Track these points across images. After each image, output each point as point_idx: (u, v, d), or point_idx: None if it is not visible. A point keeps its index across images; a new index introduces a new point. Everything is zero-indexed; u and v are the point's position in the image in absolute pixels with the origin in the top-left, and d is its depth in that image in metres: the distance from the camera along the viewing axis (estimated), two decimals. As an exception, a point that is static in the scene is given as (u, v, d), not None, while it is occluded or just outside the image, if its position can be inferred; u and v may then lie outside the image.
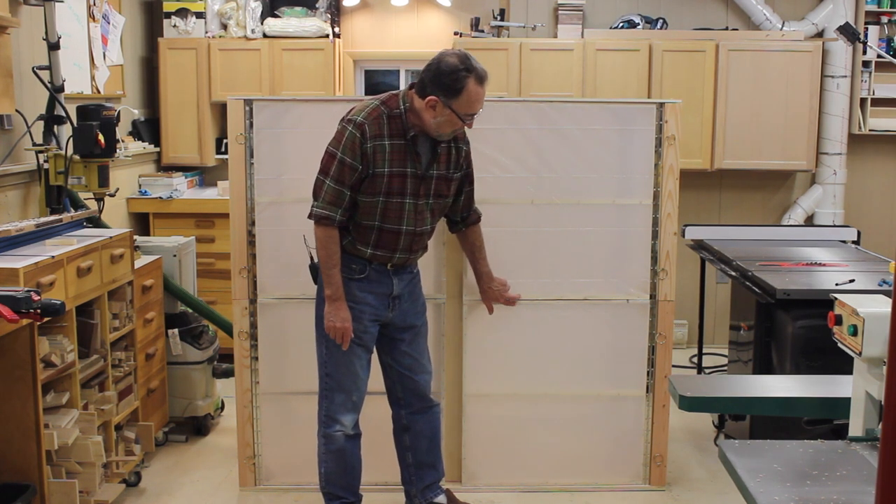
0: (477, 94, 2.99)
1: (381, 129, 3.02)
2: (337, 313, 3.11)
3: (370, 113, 3.03)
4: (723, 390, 2.89)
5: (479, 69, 3.00)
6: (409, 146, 3.06)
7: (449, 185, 3.21)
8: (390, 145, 3.03)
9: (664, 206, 3.70)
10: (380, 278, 3.18)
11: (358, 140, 3.00)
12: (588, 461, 3.83)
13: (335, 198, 3.03)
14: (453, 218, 3.40)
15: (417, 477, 3.45)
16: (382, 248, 3.13)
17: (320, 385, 3.26)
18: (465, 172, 3.30)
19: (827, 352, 2.94)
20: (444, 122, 3.02)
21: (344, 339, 3.13)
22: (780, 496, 2.00)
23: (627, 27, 5.78)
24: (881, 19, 5.79)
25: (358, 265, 3.15)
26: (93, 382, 3.55)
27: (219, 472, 3.99)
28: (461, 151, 3.23)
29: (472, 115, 3.05)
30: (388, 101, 3.08)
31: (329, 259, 3.07)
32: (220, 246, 5.30)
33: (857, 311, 2.30)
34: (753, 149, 5.65)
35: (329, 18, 5.72)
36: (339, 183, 3.02)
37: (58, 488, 3.20)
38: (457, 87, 2.96)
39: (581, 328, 3.75)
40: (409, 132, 3.04)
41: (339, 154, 3.01)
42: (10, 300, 2.63)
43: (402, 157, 3.05)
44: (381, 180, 3.04)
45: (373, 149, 3.00)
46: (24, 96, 4.11)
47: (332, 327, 3.11)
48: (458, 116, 3.01)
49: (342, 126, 3.05)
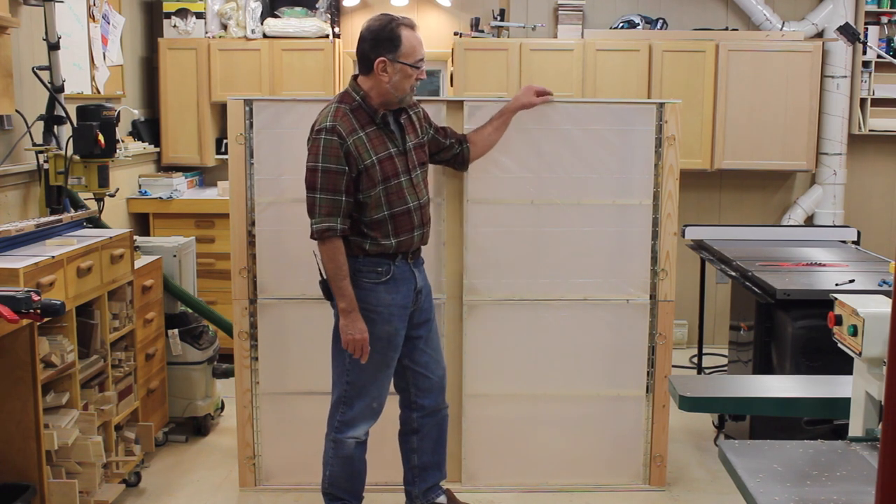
0: (415, 38, 3.08)
1: (351, 124, 3.05)
2: (354, 325, 3.07)
3: (335, 114, 3.05)
4: (723, 390, 2.89)
5: (404, 18, 3.11)
6: (383, 128, 3.10)
7: (424, 151, 3.27)
8: (366, 135, 3.06)
9: (664, 206, 3.70)
10: (403, 275, 3.19)
11: (336, 143, 3.00)
12: (588, 461, 3.83)
13: (331, 208, 3.02)
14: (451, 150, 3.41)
15: (421, 478, 3.45)
16: (402, 232, 3.13)
17: (337, 391, 3.23)
18: (432, 130, 3.35)
19: (827, 352, 2.95)
20: (399, 79, 3.06)
21: (363, 352, 3.10)
22: (780, 496, 2.00)
23: (627, 27, 5.78)
24: (881, 19, 5.79)
25: (383, 266, 3.14)
26: (93, 382, 3.55)
27: (219, 472, 3.99)
28: (419, 115, 3.29)
29: (420, 61, 3.08)
30: (344, 98, 3.12)
31: (338, 271, 3.05)
32: (220, 246, 5.30)
33: (857, 312, 2.30)
34: (753, 149, 5.65)
35: (329, 18, 5.72)
36: (331, 192, 3.01)
37: (58, 488, 3.20)
38: (394, 39, 3.04)
39: (581, 328, 3.75)
40: (376, 116, 3.08)
41: (322, 164, 3.00)
42: (10, 300, 2.63)
43: (381, 141, 3.09)
44: (374, 170, 3.05)
45: (354, 145, 3.02)
46: (24, 96, 4.11)
47: (352, 340, 3.07)
48: (409, 66, 3.05)
49: (314, 138, 3.04)
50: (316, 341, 3.59)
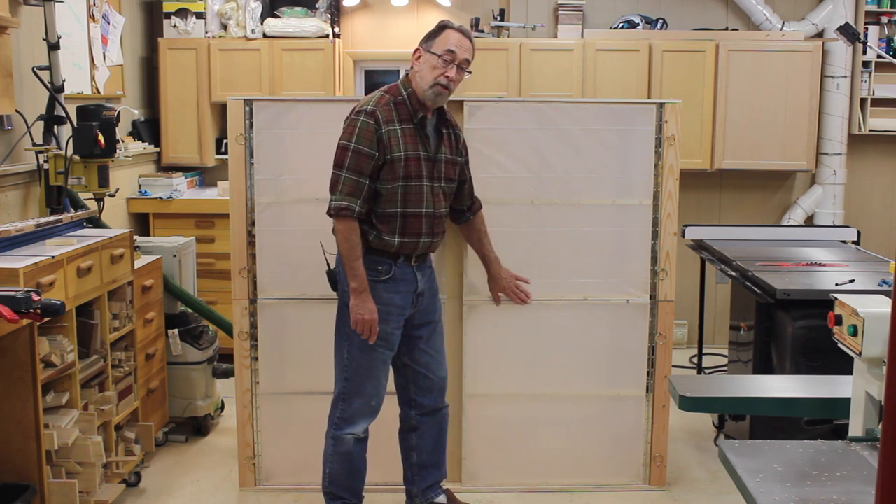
0: (454, 36, 3.11)
1: (391, 114, 3.08)
2: (364, 305, 3.08)
3: (378, 101, 3.11)
4: (723, 390, 2.88)
5: (460, 25, 3.17)
6: (418, 129, 3.12)
7: (455, 170, 3.27)
8: (401, 129, 3.08)
9: (664, 206, 3.70)
10: (404, 276, 3.19)
11: (372, 127, 3.04)
12: (588, 461, 3.83)
13: (354, 188, 3.04)
14: (459, 208, 3.42)
15: (420, 477, 3.45)
16: (409, 234, 3.13)
17: (337, 388, 3.25)
18: (466, 159, 3.37)
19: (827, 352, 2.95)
20: (425, 69, 3.09)
21: (371, 332, 3.11)
22: (780, 496, 2.00)
23: (627, 27, 5.78)
24: (881, 19, 5.79)
25: (384, 266, 3.15)
26: (93, 382, 3.55)
27: (219, 472, 3.99)
28: (459, 138, 3.32)
29: (450, 53, 3.08)
30: (391, 90, 3.16)
31: (352, 251, 3.06)
32: (220, 246, 5.30)
33: (857, 312, 2.30)
34: (753, 149, 5.65)
35: (329, 18, 5.72)
36: (356, 173, 3.04)
37: (58, 488, 3.20)
38: (436, 32, 3.12)
39: (581, 328, 3.75)
40: (416, 115, 3.10)
41: (354, 144, 3.04)
42: (10, 300, 2.63)
43: (413, 140, 3.11)
44: (398, 164, 3.06)
45: (387, 134, 3.05)
46: (24, 96, 4.11)
47: (360, 319, 3.09)
48: (437, 56, 3.07)
49: (352, 118, 3.08)
50: (316, 341, 3.59)
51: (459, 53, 3.09)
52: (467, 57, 3.12)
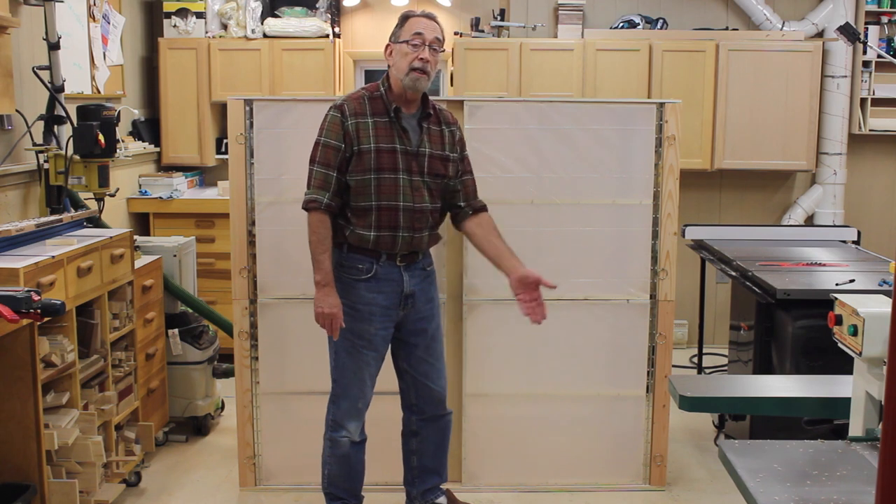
0: (418, 20, 3.13)
1: (362, 108, 3.11)
2: (325, 299, 3.07)
3: (351, 96, 3.17)
4: (723, 390, 2.88)
5: (422, 10, 3.21)
6: (393, 122, 3.11)
7: (446, 166, 3.20)
8: (374, 123, 3.09)
9: (664, 206, 3.70)
10: (389, 275, 3.16)
11: (339, 119, 3.08)
12: (588, 461, 3.83)
13: (322, 182, 3.07)
14: (457, 203, 3.27)
15: (420, 480, 3.45)
16: (385, 227, 3.09)
17: (331, 389, 3.26)
18: (462, 156, 3.28)
19: (827, 352, 2.95)
20: (399, 58, 3.10)
21: (333, 327, 3.09)
22: (780, 496, 2.00)
23: (627, 27, 5.78)
24: (881, 19, 5.80)
25: (365, 264, 3.13)
26: (93, 382, 3.55)
27: (219, 472, 3.99)
28: (454, 134, 3.26)
29: (418, 36, 3.08)
30: (369, 86, 3.21)
31: (319, 244, 3.06)
32: (220, 246, 5.30)
33: (857, 311, 2.30)
34: (753, 149, 5.65)
35: (329, 18, 5.72)
36: (324, 166, 3.07)
37: (58, 488, 3.20)
38: (400, 24, 3.15)
39: (581, 328, 3.75)
40: (390, 108, 3.11)
41: (323, 139, 3.10)
42: (10, 300, 2.63)
43: (388, 133, 3.10)
44: (368, 156, 3.06)
45: (355, 126, 3.07)
46: (24, 96, 4.11)
47: (321, 313, 3.07)
48: (406, 43, 3.08)
49: (325, 115, 3.14)
50: (316, 341, 3.58)
51: (427, 34, 3.09)
52: (436, 35, 3.12)
